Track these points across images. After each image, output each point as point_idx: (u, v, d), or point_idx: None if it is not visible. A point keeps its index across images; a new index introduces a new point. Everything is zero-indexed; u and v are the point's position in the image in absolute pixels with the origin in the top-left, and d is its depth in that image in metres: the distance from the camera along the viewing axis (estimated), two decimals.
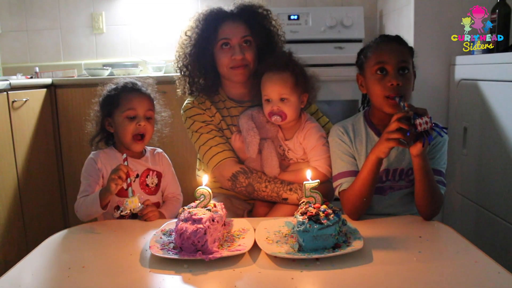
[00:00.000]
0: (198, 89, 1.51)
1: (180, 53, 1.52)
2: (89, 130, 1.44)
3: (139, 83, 1.41)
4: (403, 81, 1.21)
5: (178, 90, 1.57)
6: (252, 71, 1.46)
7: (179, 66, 1.53)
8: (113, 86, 1.40)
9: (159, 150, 1.49)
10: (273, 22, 1.54)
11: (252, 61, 1.46)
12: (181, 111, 1.52)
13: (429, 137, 1.08)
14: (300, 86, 1.35)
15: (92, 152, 1.40)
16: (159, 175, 1.43)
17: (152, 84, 1.46)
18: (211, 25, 1.45)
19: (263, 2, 1.53)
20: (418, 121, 1.06)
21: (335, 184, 1.30)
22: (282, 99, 1.34)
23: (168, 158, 1.49)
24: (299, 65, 1.39)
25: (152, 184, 1.41)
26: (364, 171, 1.20)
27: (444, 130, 1.10)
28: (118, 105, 1.36)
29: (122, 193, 1.30)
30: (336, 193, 1.30)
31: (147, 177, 1.40)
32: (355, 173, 1.26)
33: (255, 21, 1.48)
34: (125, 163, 1.24)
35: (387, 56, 1.23)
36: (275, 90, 1.34)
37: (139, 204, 1.22)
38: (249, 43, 1.46)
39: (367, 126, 1.32)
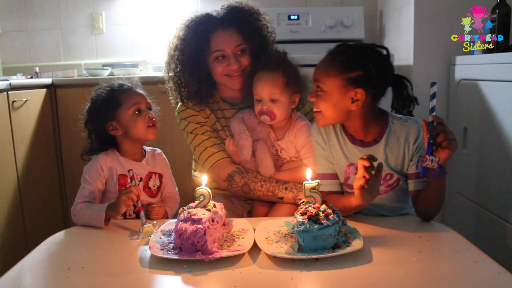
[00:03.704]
0: (191, 97, 1.48)
1: (171, 64, 1.48)
2: (86, 142, 1.38)
3: (128, 82, 1.41)
4: (316, 98, 1.21)
5: (170, 98, 1.55)
6: (248, 75, 1.45)
7: (170, 76, 1.50)
8: (107, 90, 1.37)
9: (159, 150, 1.49)
10: (264, 22, 1.50)
11: (249, 65, 1.44)
12: (175, 113, 1.51)
13: (425, 171, 1.10)
14: (291, 86, 1.35)
15: (95, 156, 1.36)
16: (160, 177, 1.43)
17: (137, 81, 1.45)
18: (201, 35, 1.42)
19: (251, 3, 1.49)
20: (428, 157, 1.07)
21: None
22: (272, 100, 1.34)
23: (166, 159, 1.49)
24: (291, 66, 1.38)
25: (154, 187, 1.40)
26: (347, 204, 1.19)
27: (444, 172, 1.09)
28: (121, 105, 1.34)
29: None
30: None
31: (149, 180, 1.39)
32: (329, 176, 1.29)
33: (246, 26, 1.44)
34: (133, 182, 1.22)
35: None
36: (265, 90, 1.34)
37: (154, 230, 1.17)
38: (243, 49, 1.44)
39: (336, 126, 1.30)
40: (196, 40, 1.42)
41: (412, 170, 1.22)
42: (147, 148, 1.46)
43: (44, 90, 2.25)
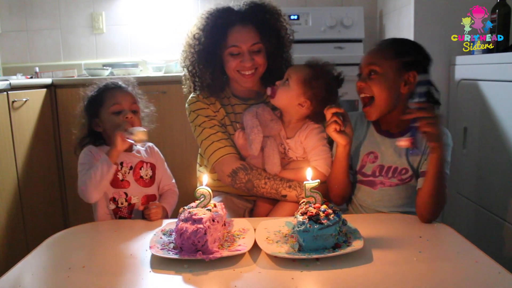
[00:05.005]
0: (204, 88, 1.49)
1: (188, 53, 1.49)
2: (76, 136, 1.42)
3: (120, 82, 1.42)
4: (367, 83, 1.26)
5: (183, 86, 1.56)
6: (261, 74, 1.46)
7: (185, 64, 1.51)
8: (96, 88, 1.41)
9: (150, 144, 1.48)
10: (284, 23, 1.49)
11: (263, 64, 1.45)
12: (186, 105, 1.52)
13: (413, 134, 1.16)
14: (308, 89, 1.35)
15: (86, 147, 1.37)
16: (153, 167, 1.43)
17: (133, 82, 1.46)
18: (219, 29, 1.42)
19: (274, 2, 1.48)
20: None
21: None
22: (286, 81, 1.37)
23: (160, 152, 1.48)
24: (323, 80, 1.36)
25: (147, 176, 1.40)
26: (336, 160, 1.30)
27: (417, 150, 1.20)
28: (103, 103, 1.36)
29: (118, 185, 1.33)
30: None
31: (141, 169, 1.39)
32: None
33: (265, 25, 1.44)
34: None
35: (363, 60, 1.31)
36: (289, 69, 1.40)
37: (146, 138, 1.27)
38: (259, 48, 1.44)
39: (370, 121, 1.34)
40: (214, 32, 1.42)
41: (424, 168, 1.25)
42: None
43: (44, 90, 2.25)
